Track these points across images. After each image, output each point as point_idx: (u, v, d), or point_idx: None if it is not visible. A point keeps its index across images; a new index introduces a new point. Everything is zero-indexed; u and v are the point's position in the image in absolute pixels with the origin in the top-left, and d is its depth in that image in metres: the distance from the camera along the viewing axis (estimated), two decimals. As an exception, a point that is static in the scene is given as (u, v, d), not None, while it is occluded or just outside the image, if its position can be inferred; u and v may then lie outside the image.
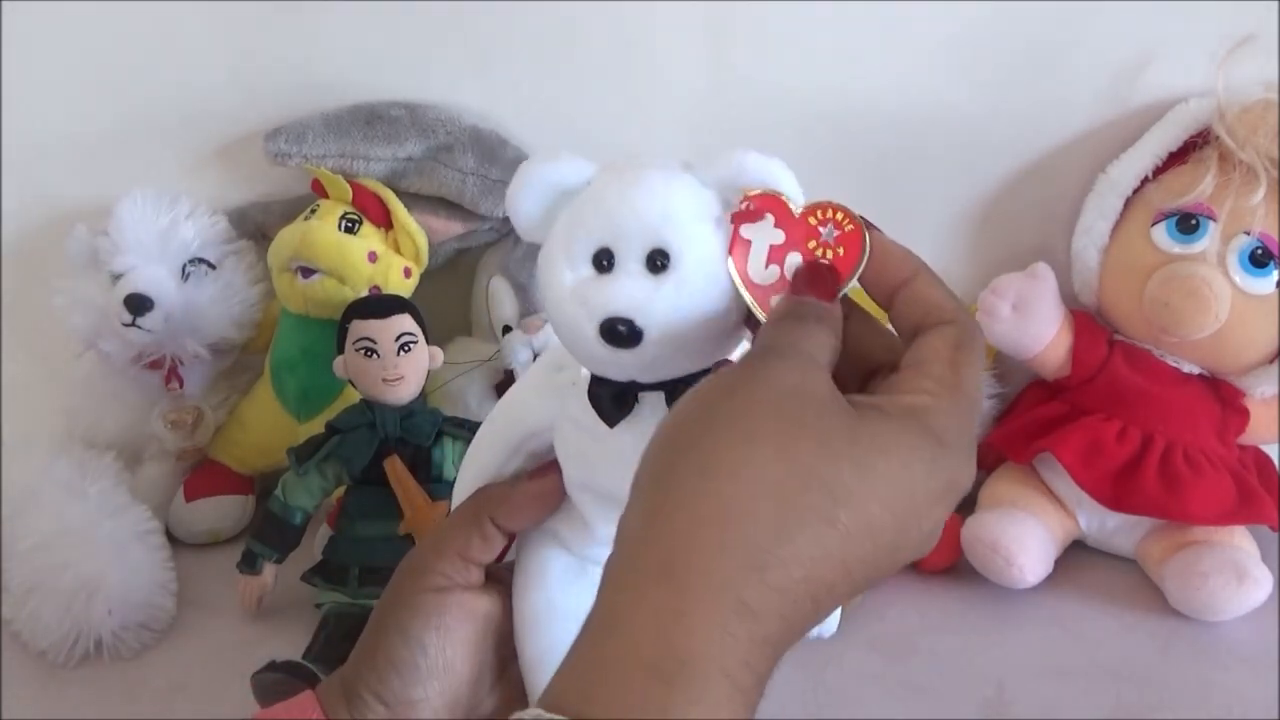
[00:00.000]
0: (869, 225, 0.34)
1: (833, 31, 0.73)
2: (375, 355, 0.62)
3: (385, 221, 0.72)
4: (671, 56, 0.74)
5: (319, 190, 0.72)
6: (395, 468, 0.62)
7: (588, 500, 0.40)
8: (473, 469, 0.43)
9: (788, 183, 0.35)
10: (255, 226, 0.77)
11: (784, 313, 0.33)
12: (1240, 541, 0.68)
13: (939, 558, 0.69)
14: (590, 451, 0.38)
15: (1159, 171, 0.69)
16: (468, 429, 0.63)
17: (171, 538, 0.71)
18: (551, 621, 0.40)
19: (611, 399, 0.37)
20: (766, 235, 0.34)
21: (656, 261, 0.34)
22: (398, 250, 0.72)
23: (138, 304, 0.69)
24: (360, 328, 0.63)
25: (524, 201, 0.36)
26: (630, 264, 0.34)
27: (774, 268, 0.34)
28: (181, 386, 0.74)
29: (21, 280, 0.78)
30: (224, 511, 0.74)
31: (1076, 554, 0.72)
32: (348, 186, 0.71)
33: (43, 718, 0.59)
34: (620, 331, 0.33)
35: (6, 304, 0.79)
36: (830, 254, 0.33)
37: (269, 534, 0.64)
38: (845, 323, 0.33)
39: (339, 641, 0.59)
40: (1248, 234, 0.66)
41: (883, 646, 0.63)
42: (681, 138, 0.75)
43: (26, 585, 0.63)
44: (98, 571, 0.62)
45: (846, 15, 0.72)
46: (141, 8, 0.72)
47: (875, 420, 0.30)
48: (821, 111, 0.74)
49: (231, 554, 0.66)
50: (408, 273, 0.72)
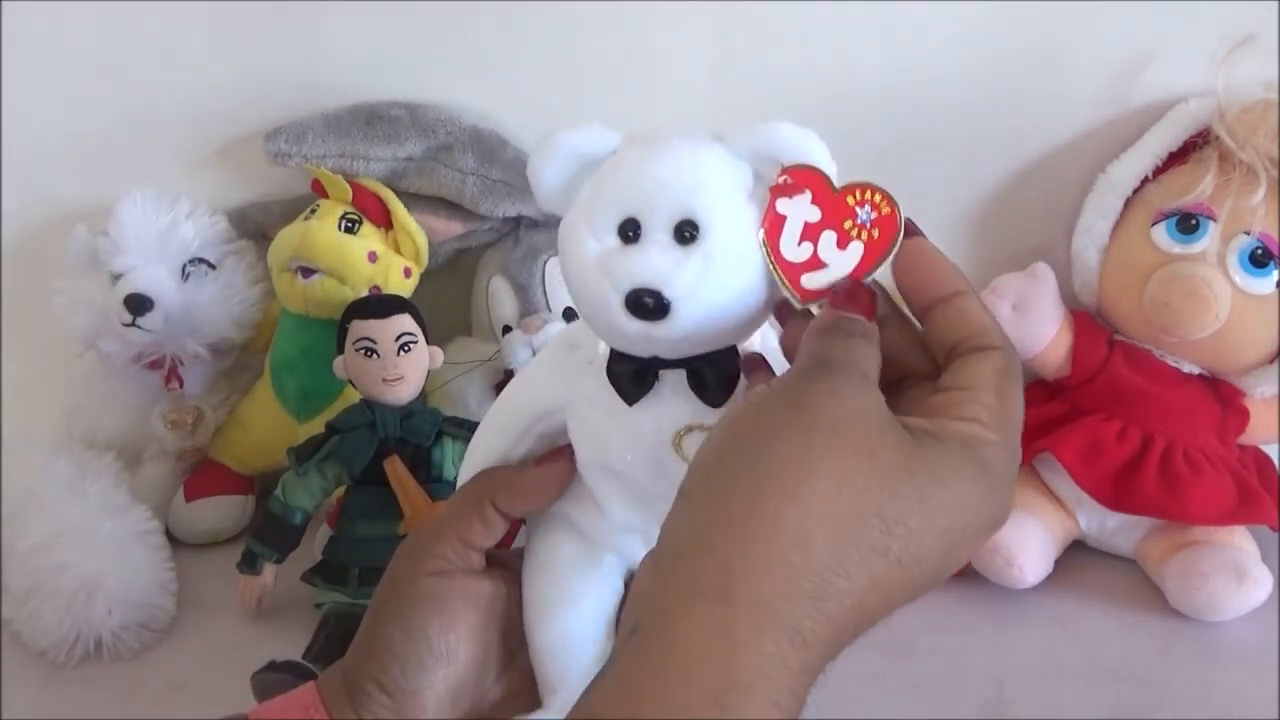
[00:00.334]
0: (916, 230, 0.33)
1: (833, 33, 0.73)
2: (375, 355, 0.62)
3: (385, 221, 0.72)
4: (672, 57, 0.74)
5: (319, 190, 0.72)
6: (395, 468, 0.62)
7: (602, 482, 0.39)
8: (480, 452, 0.41)
9: (823, 156, 0.34)
10: (255, 226, 0.77)
11: (831, 326, 0.32)
12: (1240, 541, 0.68)
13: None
14: (607, 431, 0.37)
15: (1159, 171, 0.69)
16: (468, 429, 0.63)
17: (171, 538, 0.71)
18: (563, 608, 0.39)
19: (631, 376, 0.36)
20: (802, 212, 0.33)
21: (685, 233, 0.33)
22: (398, 250, 0.72)
23: (138, 304, 0.69)
24: (360, 328, 0.63)
25: (548, 171, 0.35)
26: (657, 234, 0.33)
27: (807, 245, 0.33)
28: (181, 386, 0.74)
29: (21, 280, 0.78)
30: (224, 511, 0.74)
31: (1076, 554, 0.72)
32: (348, 186, 0.71)
33: (43, 718, 0.59)
34: (646, 303, 0.32)
35: (6, 304, 0.79)
36: (866, 235, 0.32)
37: (269, 534, 0.64)
38: (905, 247, 0.32)
39: (339, 641, 0.59)
40: (1248, 234, 0.65)
41: (883, 646, 0.63)
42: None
43: (26, 585, 0.63)
44: (98, 571, 0.62)
45: (846, 16, 0.72)
46: (141, 8, 0.72)
47: (932, 449, 0.30)
48: (822, 112, 0.74)
49: (231, 554, 0.66)
50: (408, 273, 0.72)
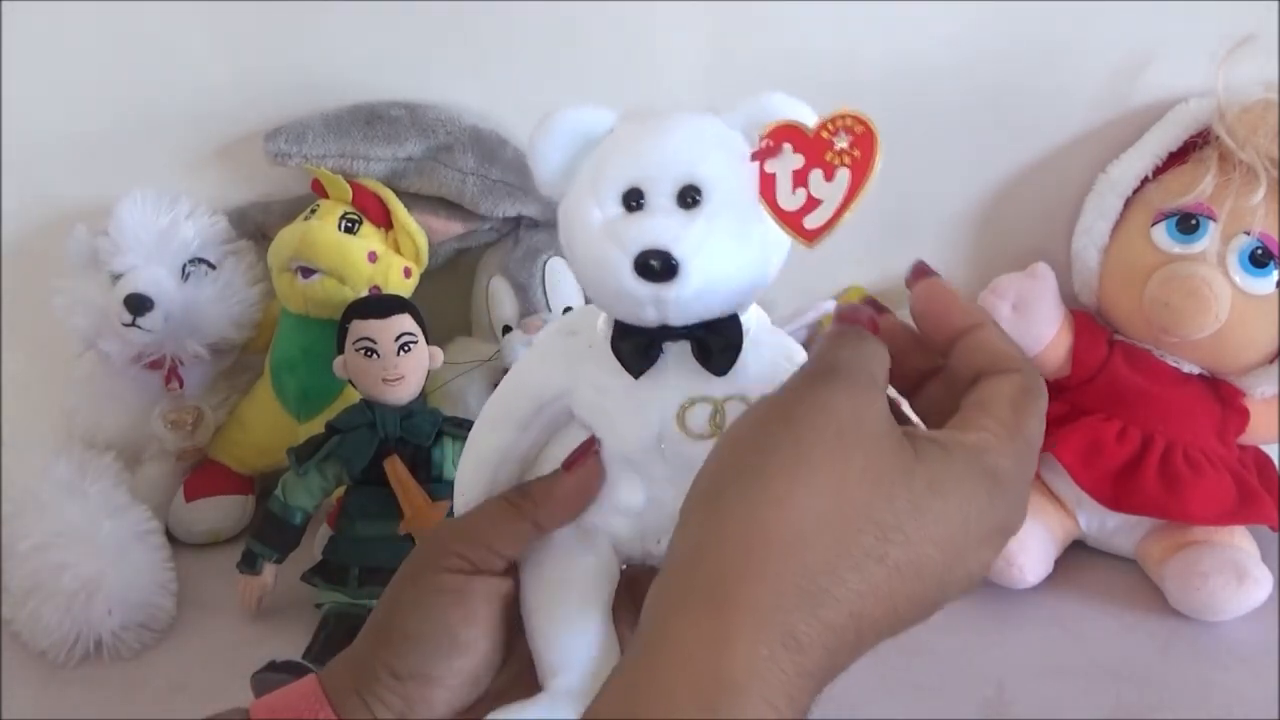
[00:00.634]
0: (929, 270, 0.35)
1: (832, 33, 0.73)
2: (375, 355, 0.62)
3: (385, 221, 0.72)
4: (672, 57, 0.74)
5: (319, 190, 0.72)
6: (395, 468, 0.62)
7: (607, 464, 0.39)
8: (483, 445, 0.41)
9: (806, 115, 0.35)
10: (255, 226, 0.77)
11: (839, 331, 0.33)
12: (1240, 541, 0.68)
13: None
14: (610, 411, 0.38)
15: (1159, 171, 0.69)
16: (467, 429, 0.62)
17: (171, 538, 0.71)
18: (561, 593, 0.39)
19: (636, 349, 0.36)
20: (788, 163, 0.34)
21: (688, 198, 0.34)
22: (398, 250, 0.72)
23: (138, 304, 0.69)
24: (360, 328, 0.63)
25: (547, 150, 0.37)
26: (661, 200, 0.34)
27: (800, 190, 0.34)
28: (181, 386, 0.74)
29: (21, 280, 0.78)
30: (224, 511, 0.74)
31: (1076, 554, 0.72)
32: (348, 186, 0.71)
33: (43, 718, 0.59)
34: (654, 266, 0.33)
35: (6, 304, 0.79)
36: (848, 159, 0.33)
37: (269, 534, 0.64)
38: (922, 288, 0.34)
39: (339, 641, 0.59)
40: (1248, 234, 0.65)
41: (882, 646, 0.63)
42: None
43: (26, 585, 0.63)
44: (98, 571, 0.62)
45: (846, 17, 0.72)
46: (141, 8, 0.72)
47: (934, 458, 0.30)
48: (821, 112, 0.74)
49: (231, 554, 0.66)
50: (408, 273, 0.72)
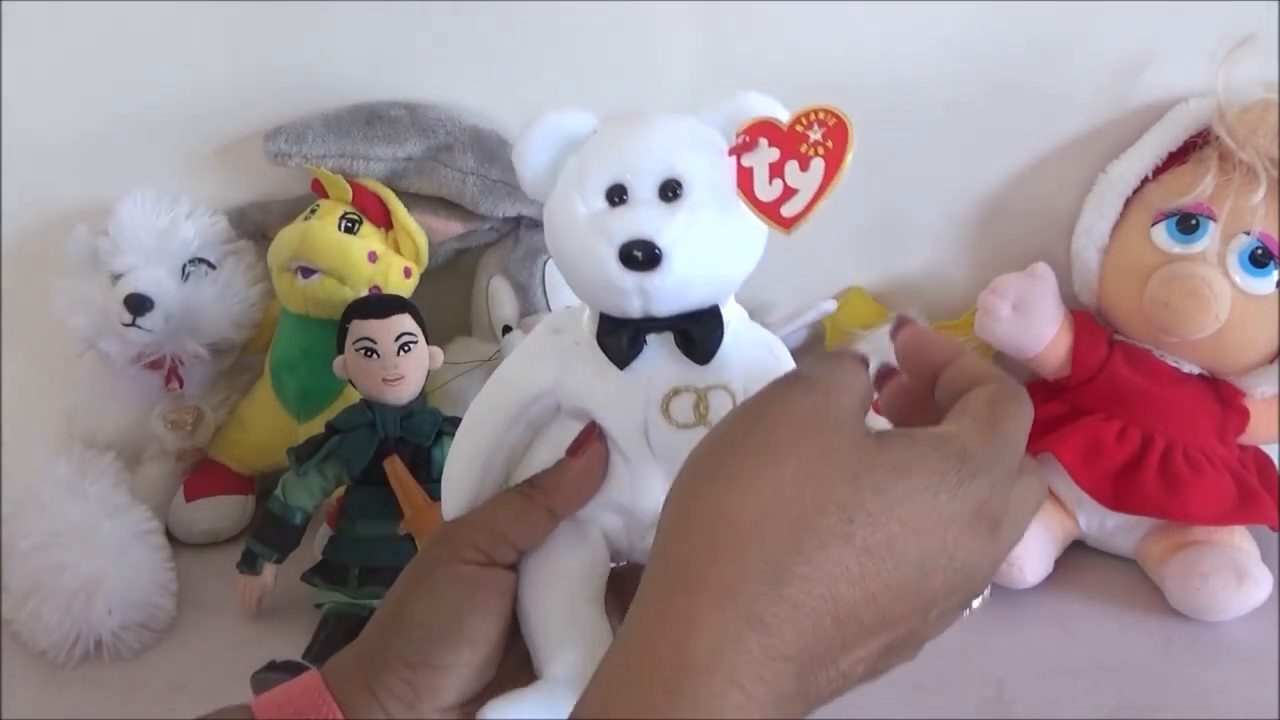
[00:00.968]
0: (909, 320, 0.36)
1: (831, 34, 0.73)
2: (375, 355, 0.62)
3: (385, 221, 0.72)
4: (671, 57, 0.74)
5: (319, 190, 0.72)
6: (395, 468, 0.62)
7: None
8: (471, 442, 0.42)
9: (780, 112, 0.36)
10: (255, 226, 0.77)
11: (819, 351, 0.33)
12: (1240, 541, 0.68)
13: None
14: (598, 404, 0.39)
15: (1159, 171, 0.69)
16: (467, 429, 0.63)
17: (171, 538, 0.71)
18: (554, 579, 0.40)
19: (620, 342, 0.37)
20: (764, 157, 0.36)
21: (669, 191, 0.36)
22: (398, 250, 0.72)
23: (138, 304, 0.69)
24: (360, 328, 0.63)
25: (533, 151, 0.38)
26: (644, 194, 0.36)
27: (777, 181, 0.35)
28: (181, 386, 0.74)
29: (21, 280, 0.78)
30: (224, 511, 0.74)
31: (1076, 554, 0.72)
32: (348, 186, 0.71)
33: (43, 718, 0.59)
34: (638, 256, 0.35)
35: (6, 304, 0.79)
36: (822, 150, 0.35)
37: (269, 534, 0.64)
38: (904, 335, 0.36)
39: (339, 641, 0.59)
40: (1248, 234, 0.65)
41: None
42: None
43: (26, 585, 0.63)
44: (98, 571, 0.62)
45: (845, 17, 0.72)
46: (141, 8, 0.72)
47: (898, 445, 0.31)
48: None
49: (231, 554, 0.66)
50: (408, 273, 0.72)
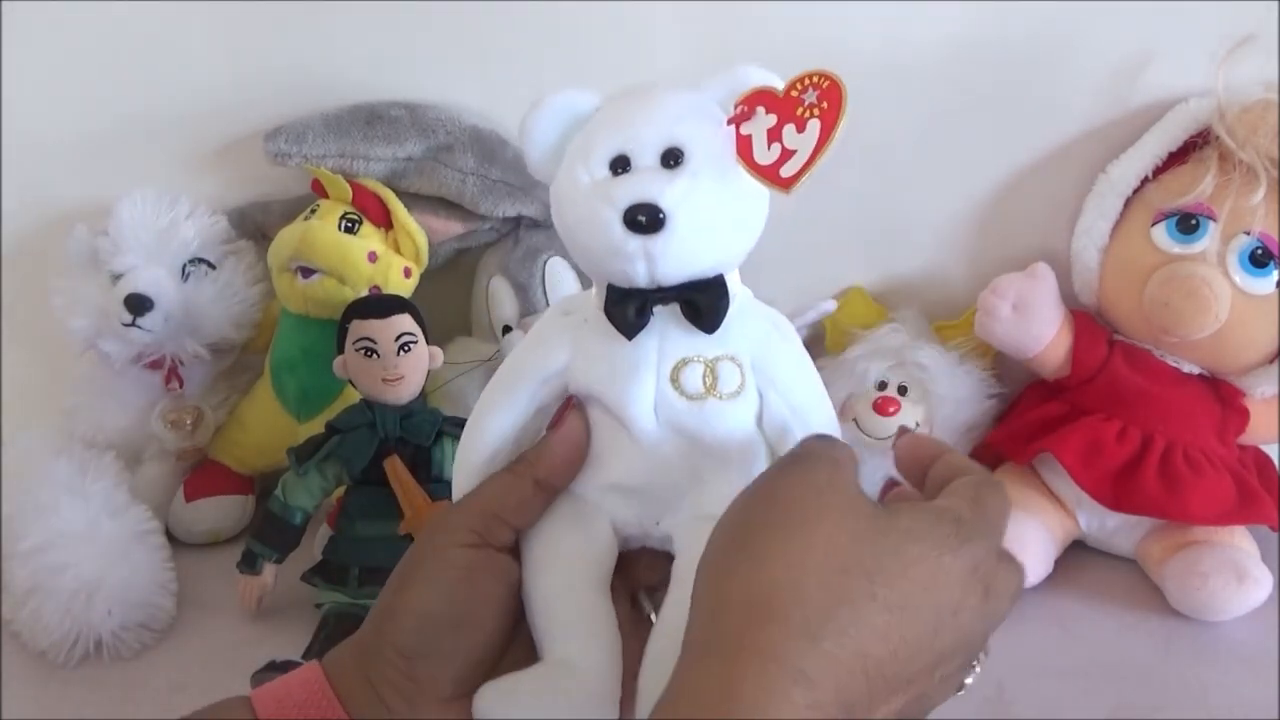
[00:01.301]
0: (907, 429, 0.41)
1: (831, 34, 0.73)
2: (375, 355, 0.62)
3: (385, 221, 0.72)
4: (671, 57, 0.74)
5: (319, 190, 0.72)
6: (395, 468, 0.62)
7: (603, 426, 0.40)
8: (477, 433, 0.42)
9: (776, 82, 0.38)
10: (255, 226, 0.77)
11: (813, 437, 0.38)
12: (1240, 541, 0.68)
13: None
14: (608, 377, 0.40)
15: (1159, 171, 0.69)
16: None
17: (171, 538, 0.71)
18: (557, 563, 0.40)
19: (629, 310, 0.38)
20: (762, 124, 0.37)
21: (671, 159, 0.37)
22: (398, 250, 0.72)
23: (138, 304, 0.69)
24: (360, 328, 0.63)
25: (539, 130, 0.40)
26: (646, 162, 0.37)
27: (775, 145, 0.37)
28: (181, 386, 0.74)
29: (21, 280, 0.78)
30: (224, 511, 0.74)
31: (1076, 554, 0.72)
32: (348, 186, 0.71)
33: (43, 718, 0.59)
34: (642, 220, 0.36)
35: (6, 304, 0.79)
36: (817, 112, 0.36)
37: (269, 534, 0.64)
38: (902, 442, 0.40)
39: (339, 641, 0.58)
40: (1248, 234, 0.65)
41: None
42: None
43: (26, 585, 0.63)
44: (98, 571, 0.62)
45: (845, 18, 0.72)
46: (141, 8, 0.72)
47: (905, 513, 0.34)
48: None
49: (231, 554, 0.66)
50: (408, 273, 0.72)
